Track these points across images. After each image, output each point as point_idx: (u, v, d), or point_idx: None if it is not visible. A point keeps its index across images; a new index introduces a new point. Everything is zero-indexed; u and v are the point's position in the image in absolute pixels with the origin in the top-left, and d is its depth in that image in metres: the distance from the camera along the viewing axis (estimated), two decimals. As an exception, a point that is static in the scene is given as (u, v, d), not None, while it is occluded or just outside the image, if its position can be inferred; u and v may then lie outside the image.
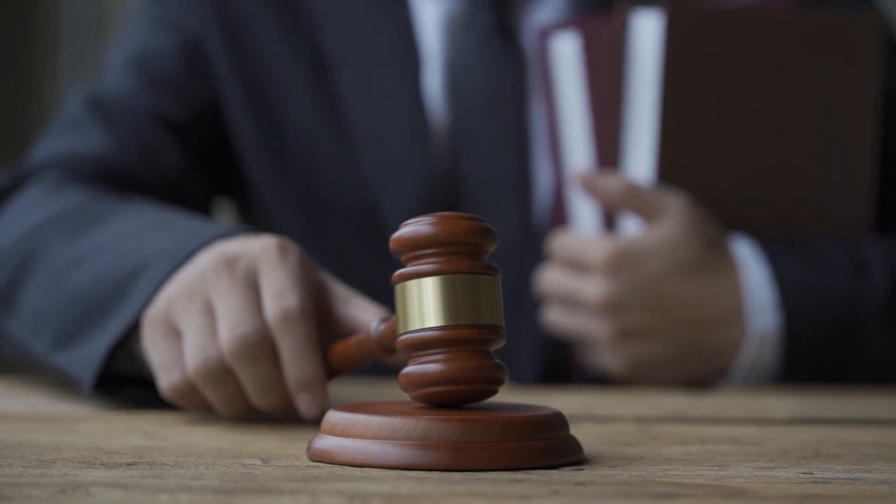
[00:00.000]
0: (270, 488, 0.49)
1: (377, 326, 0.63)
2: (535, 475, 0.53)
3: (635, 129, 1.02)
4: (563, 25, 1.06)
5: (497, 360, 0.57)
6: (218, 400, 0.69)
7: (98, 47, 2.50)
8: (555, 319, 1.02)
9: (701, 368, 1.01)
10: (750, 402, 0.89)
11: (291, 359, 0.66)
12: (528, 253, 1.06)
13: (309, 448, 0.57)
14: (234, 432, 0.67)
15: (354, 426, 0.55)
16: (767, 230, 1.03)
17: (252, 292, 0.67)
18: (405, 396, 0.59)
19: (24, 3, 2.51)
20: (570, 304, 1.01)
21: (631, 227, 1.02)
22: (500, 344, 0.57)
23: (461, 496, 0.48)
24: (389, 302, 0.61)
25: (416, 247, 0.56)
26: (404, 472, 0.53)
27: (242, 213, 1.16)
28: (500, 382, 0.57)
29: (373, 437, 0.54)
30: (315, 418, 0.68)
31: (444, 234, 0.56)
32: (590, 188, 1.01)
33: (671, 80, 1.01)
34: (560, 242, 1.01)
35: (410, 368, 0.57)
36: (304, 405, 0.67)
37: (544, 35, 1.06)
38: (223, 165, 1.13)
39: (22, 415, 0.76)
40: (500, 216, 1.06)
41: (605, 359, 1.01)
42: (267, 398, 0.68)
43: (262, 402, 0.68)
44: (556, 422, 0.57)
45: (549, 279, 1.02)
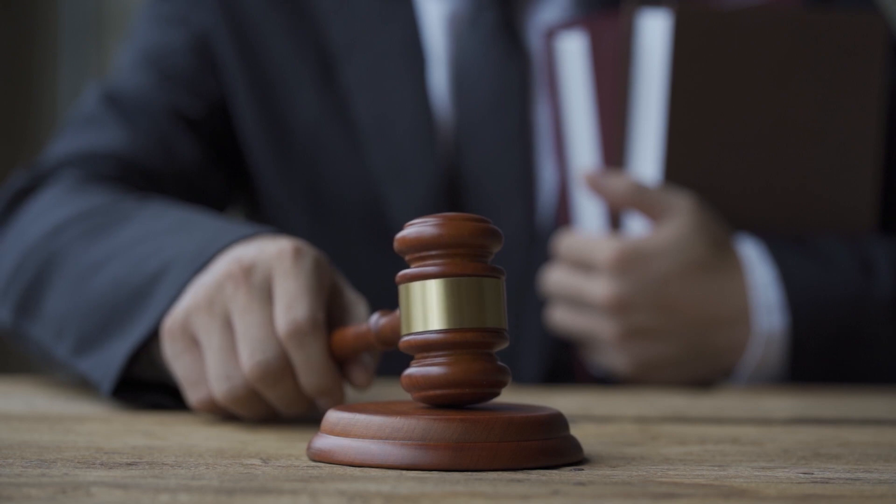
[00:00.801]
0: (270, 488, 0.49)
1: (377, 320, 0.63)
2: (535, 475, 0.53)
3: (641, 128, 1.02)
4: (570, 24, 1.06)
5: (500, 363, 0.57)
6: (247, 415, 0.70)
7: (98, 47, 2.50)
8: (560, 319, 1.02)
9: (707, 368, 1.01)
10: (750, 402, 0.89)
11: (305, 371, 0.66)
12: (533, 252, 1.06)
13: (309, 448, 0.57)
14: (234, 432, 0.67)
15: (354, 426, 0.55)
16: (773, 230, 1.03)
17: (269, 307, 0.67)
18: (405, 396, 0.59)
19: (24, 3, 2.51)
20: (576, 303, 1.01)
21: (637, 226, 1.02)
22: (504, 346, 0.57)
23: (461, 496, 0.48)
24: (394, 298, 0.61)
25: (421, 248, 0.56)
26: (404, 472, 0.53)
27: (250, 209, 1.16)
28: (502, 385, 0.57)
29: (373, 437, 0.54)
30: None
31: (450, 235, 0.56)
32: (596, 187, 1.01)
33: (677, 80, 1.01)
34: (565, 242, 1.01)
35: (413, 370, 0.57)
36: (324, 406, 0.67)
37: (550, 34, 1.06)
38: (236, 160, 1.13)
39: (22, 415, 0.76)
40: (505, 215, 1.06)
41: (610, 358, 1.00)
42: (294, 409, 0.69)
43: (290, 413, 0.69)
44: (556, 422, 0.57)
45: (554, 279, 1.02)
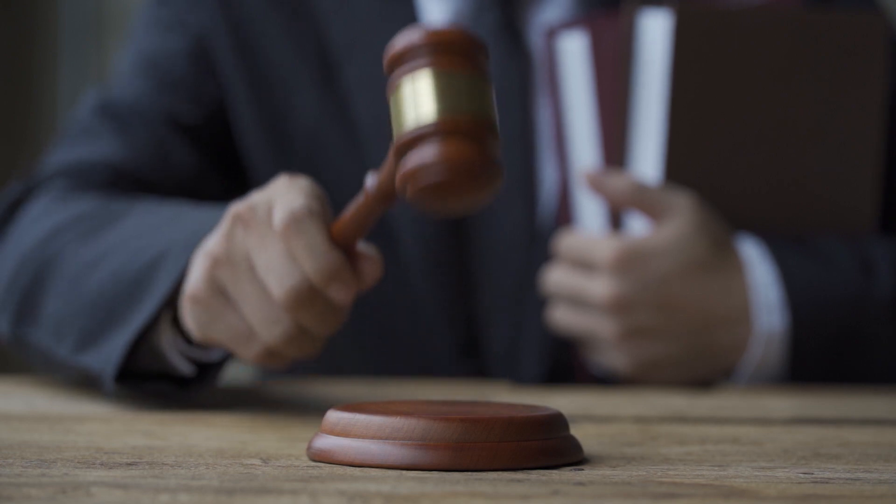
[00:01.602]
0: (270, 488, 0.49)
1: (372, 178, 0.63)
2: (535, 475, 0.53)
3: (642, 128, 1.02)
4: (570, 24, 1.06)
5: (495, 156, 0.56)
6: (302, 351, 0.70)
7: (98, 47, 2.50)
8: (561, 319, 1.02)
9: (708, 368, 1.01)
10: (750, 402, 0.89)
11: (308, 256, 0.66)
12: (534, 252, 1.06)
13: (309, 448, 0.57)
14: (234, 432, 0.67)
15: (354, 426, 0.55)
16: (774, 230, 1.03)
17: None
18: (405, 397, 0.59)
19: (24, 3, 2.51)
20: (577, 303, 1.01)
21: (637, 226, 1.02)
22: (496, 144, 0.56)
23: (461, 496, 0.48)
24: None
25: (410, 54, 0.56)
26: (404, 472, 0.53)
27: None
28: (497, 177, 0.56)
29: (373, 437, 0.54)
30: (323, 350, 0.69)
31: (438, 37, 0.56)
32: (596, 187, 1.01)
33: (678, 80, 1.01)
34: (566, 241, 1.01)
35: (408, 161, 0.56)
36: (337, 294, 0.67)
37: (551, 34, 1.06)
38: (235, 165, 1.13)
39: (22, 415, 0.76)
40: (506, 214, 1.06)
41: (611, 358, 1.00)
42: (335, 324, 0.69)
43: (333, 329, 0.69)
44: (556, 422, 0.57)
45: (554, 278, 1.02)
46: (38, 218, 0.93)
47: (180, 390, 0.78)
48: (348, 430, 0.55)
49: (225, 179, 1.12)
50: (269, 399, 0.86)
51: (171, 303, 0.75)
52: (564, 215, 1.06)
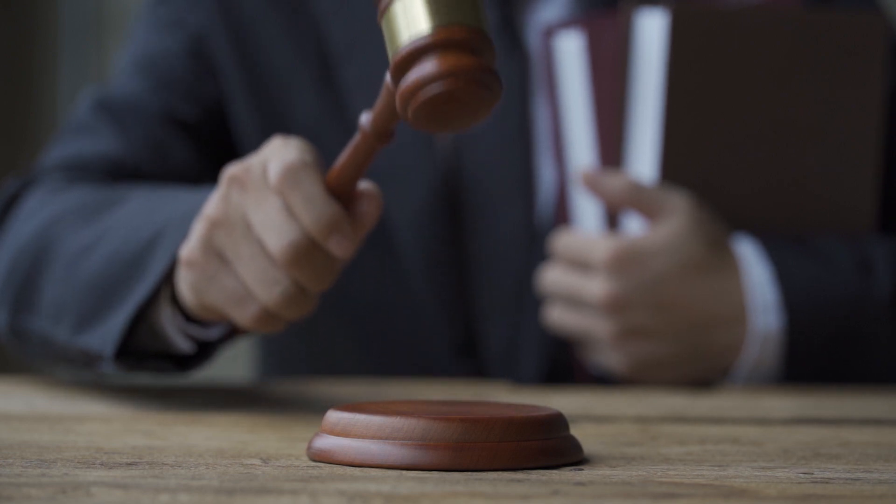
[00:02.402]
0: (270, 488, 0.49)
1: (367, 116, 0.63)
2: (535, 475, 0.53)
3: (639, 127, 1.02)
4: (568, 24, 1.06)
5: (493, 68, 0.56)
6: (299, 312, 0.70)
7: (98, 47, 2.50)
8: (558, 318, 1.02)
9: (704, 368, 1.01)
10: (750, 402, 0.89)
11: (305, 208, 0.66)
12: (531, 251, 1.06)
13: (309, 448, 0.57)
14: (234, 432, 0.67)
15: (354, 426, 0.55)
16: (772, 229, 1.03)
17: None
18: (405, 396, 0.59)
19: (24, 3, 2.51)
20: (574, 302, 1.01)
21: (634, 225, 1.02)
22: (492, 54, 0.56)
23: (461, 496, 0.48)
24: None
25: None
26: (404, 472, 0.53)
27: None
28: (495, 85, 0.56)
29: (373, 437, 0.54)
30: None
31: None
32: (593, 187, 1.01)
33: (675, 79, 1.00)
34: (563, 241, 1.01)
35: (407, 77, 0.56)
36: (336, 248, 0.67)
37: (548, 33, 1.06)
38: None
39: (22, 415, 0.76)
40: (504, 214, 1.06)
41: (608, 358, 1.00)
42: (331, 280, 0.69)
43: (329, 284, 0.69)
44: (556, 422, 0.57)
45: (551, 278, 1.02)
46: (34, 210, 0.93)
47: (179, 368, 0.77)
48: (348, 430, 0.55)
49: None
50: (269, 399, 0.86)
51: (170, 280, 0.75)
52: (562, 215, 1.06)
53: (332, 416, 0.57)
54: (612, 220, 1.03)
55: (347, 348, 1.09)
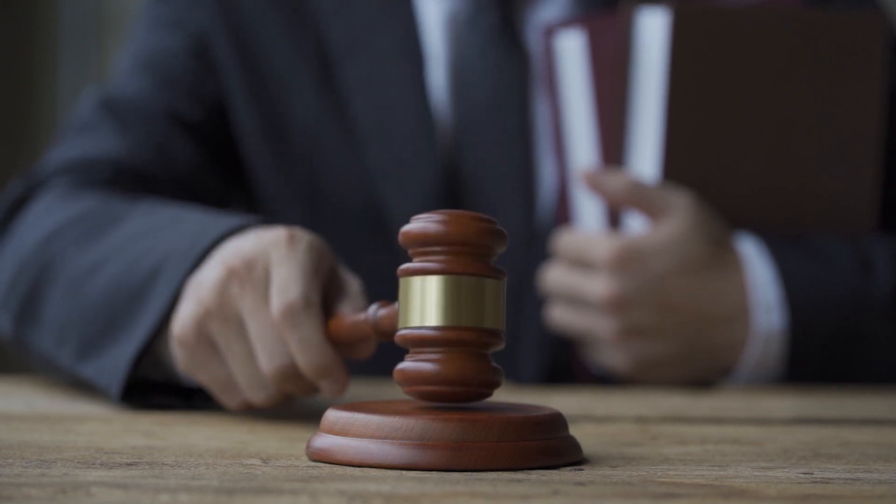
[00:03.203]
0: (270, 488, 0.49)
1: (376, 310, 0.63)
2: (535, 475, 0.53)
3: (640, 126, 1.02)
4: (568, 23, 1.06)
5: (494, 364, 0.57)
6: (281, 406, 0.71)
7: (98, 47, 2.50)
8: (559, 318, 1.02)
9: (706, 367, 1.01)
10: (750, 402, 0.89)
11: (301, 351, 0.66)
12: (532, 250, 1.06)
13: (308, 447, 0.57)
14: (234, 432, 0.67)
15: (353, 425, 0.55)
16: (772, 228, 1.03)
17: None
18: (404, 396, 0.59)
19: (24, 3, 2.51)
20: (575, 302, 1.01)
21: (636, 225, 1.02)
22: (500, 347, 0.57)
23: (461, 496, 0.48)
24: (393, 298, 0.61)
25: (425, 243, 0.56)
26: (404, 471, 0.53)
27: (249, 211, 1.16)
28: (495, 386, 0.57)
29: (371, 437, 0.54)
30: (334, 398, 0.68)
31: (455, 233, 0.56)
32: (595, 186, 1.01)
33: (676, 79, 1.01)
34: (564, 240, 1.01)
35: (406, 365, 0.56)
36: (328, 390, 0.67)
37: (549, 33, 1.06)
38: (235, 161, 1.13)
39: (22, 415, 0.76)
40: (505, 213, 1.06)
41: (609, 357, 1.00)
42: (317, 392, 0.70)
43: (315, 394, 0.70)
44: (555, 422, 0.57)
45: (553, 277, 1.02)
46: (39, 217, 0.93)
47: (185, 402, 0.77)
48: (347, 430, 0.55)
49: (225, 177, 1.12)
50: (269, 399, 0.85)
51: (172, 314, 0.75)
52: (563, 214, 1.06)
53: (331, 415, 0.57)
54: (614, 219, 1.03)
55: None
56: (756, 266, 1.00)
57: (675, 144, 1.01)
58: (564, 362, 1.08)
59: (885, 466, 0.57)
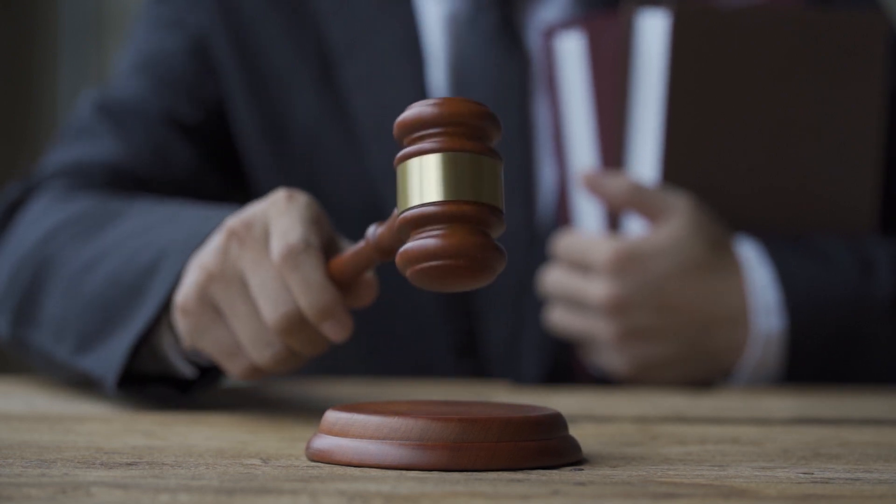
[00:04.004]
0: (270, 488, 0.49)
1: (375, 230, 0.63)
2: (534, 475, 0.53)
3: (640, 128, 1.02)
4: (569, 24, 1.06)
5: (497, 243, 0.56)
6: (287, 369, 0.71)
7: (98, 47, 2.50)
8: (559, 320, 1.02)
9: (706, 369, 1.01)
10: (750, 402, 0.89)
11: (304, 292, 0.66)
12: (532, 252, 1.06)
13: (307, 448, 0.57)
14: (234, 432, 0.67)
15: (352, 426, 0.55)
16: (773, 229, 1.03)
17: None
18: (404, 396, 0.59)
19: (24, 3, 2.51)
20: (575, 304, 1.01)
21: (635, 227, 1.02)
22: (501, 228, 0.57)
23: (461, 496, 0.48)
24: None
25: (420, 127, 0.56)
26: (404, 471, 0.53)
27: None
28: (498, 264, 0.56)
29: (371, 437, 0.54)
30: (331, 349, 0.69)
31: (449, 113, 0.56)
32: (594, 188, 1.01)
33: (676, 80, 1.00)
34: (564, 242, 1.01)
35: (409, 244, 0.56)
36: (331, 332, 0.67)
37: (549, 34, 1.06)
38: (234, 163, 1.13)
39: (22, 415, 0.76)
40: (504, 215, 1.06)
41: (609, 359, 1.00)
42: (324, 348, 0.69)
43: (322, 351, 0.70)
44: (554, 422, 0.57)
45: (552, 279, 1.02)
46: (36, 218, 0.93)
47: (182, 393, 0.78)
48: (346, 430, 0.55)
49: (224, 178, 1.12)
50: (269, 399, 0.86)
51: (170, 306, 0.75)
52: (563, 216, 1.06)
53: (331, 416, 0.57)
54: (614, 221, 1.03)
55: (347, 348, 1.09)
56: (755, 268, 1.00)
57: (674, 146, 1.01)
58: (564, 363, 1.07)
59: (885, 466, 0.57)
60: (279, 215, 0.68)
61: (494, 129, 0.57)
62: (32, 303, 0.85)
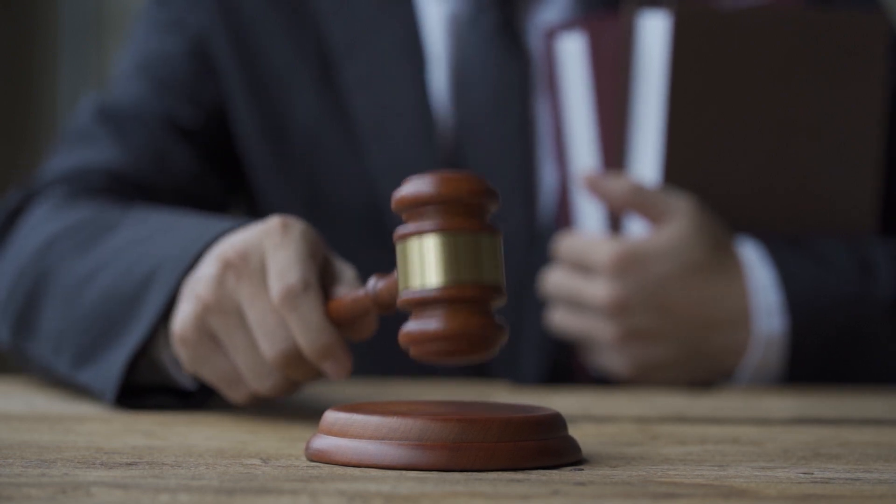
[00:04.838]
0: (270, 488, 0.49)
1: (375, 283, 0.63)
2: (534, 475, 0.53)
3: (641, 130, 1.02)
4: (570, 25, 1.06)
5: (498, 320, 0.57)
6: (287, 395, 0.71)
7: (98, 47, 2.50)
8: (560, 321, 1.02)
9: (707, 370, 1.01)
10: (750, 402, 0.89)
11: (303, 332, 0.66)
12: (533, 253, 1.06)
13: (307, 448, 0.57)
14: (234, 432, 0.67)
15: (352, 426, 0.55)
16: (773, 230, 1.03)
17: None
18: (405, 396, 0.59)
19: (24, 3, 2.51)
20: (576, 305, 1.01)
21: (637, 228, 1.02)
22: (502, 302, 0.57)
23: (461, 496, 0.48)
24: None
25: (418, 204, 0.56)
26: (404, 472, 0.53)
27: (248, 213, 1.16)
28: (499, 341, 0.57)
29: (370, 437, 0.54)
30: (341, 378, 0.69)
31: (447, 192, 0.56)
32: (595, 189, 1.01)
33: (678, 81, 1.00)
34: (565, 243, 1.01)
35: (411, 325, 0.57)
36: (331, 371, 0.67)
37: (550, 35, 1.06)
38: (234, 167, 1.13)
39: (22, 415, 0.76)
40: (505, 216, 1.06)
41: (610, 360, 1.00)
42: (322, 377, 0.70)
43: (320, 378, 0.70)
44: (554, 422, 0.57)
45: (553, 280, 1.01)
46: (35, 227, 0.93)
47: (181, 403, 0.78)
48: (346, 431, 0.55)
49: (224, 182, 1.12)
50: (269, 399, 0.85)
51: (168, 318, 0.75)
52: (564, 217, 1.06)
53: (330, 416, 0.57)
54: (615, 222, 1.03)
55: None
56: (757, 270, 1.00)
57: (676, 147, 1.01)
58: (565, 363, 1.07)
59: (885, 466, 0.57)
60: (276, 249, 0.68)
61: (493, 202, 0.58)
62: (31, 315, 0.85)
